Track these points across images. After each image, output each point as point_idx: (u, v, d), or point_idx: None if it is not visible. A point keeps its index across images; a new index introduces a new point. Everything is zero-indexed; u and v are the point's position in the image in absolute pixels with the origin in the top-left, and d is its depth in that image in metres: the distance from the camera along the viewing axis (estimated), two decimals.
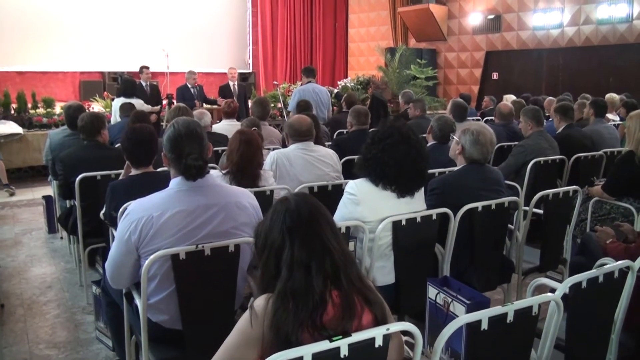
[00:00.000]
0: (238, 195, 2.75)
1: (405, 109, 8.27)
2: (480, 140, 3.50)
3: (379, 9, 17.24)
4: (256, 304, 1.74)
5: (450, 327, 1.74)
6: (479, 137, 3.50)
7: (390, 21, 16.62)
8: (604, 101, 6.90)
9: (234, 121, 6.61)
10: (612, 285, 2.39)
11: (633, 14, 11.90)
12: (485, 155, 3.56)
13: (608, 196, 4.59)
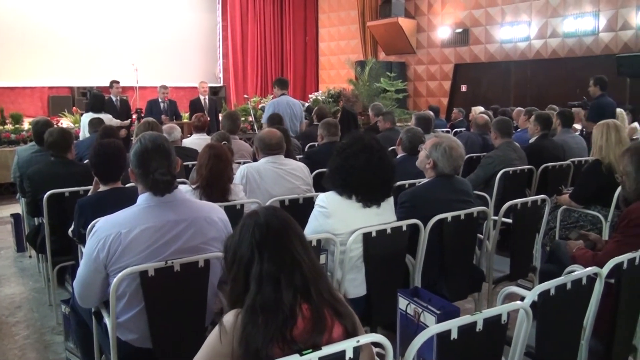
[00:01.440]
0: (207, 210, 2.73)
1: (375, 121, 8.33)
2: (453, 156, 3.53)
3: (348, 23, 17.39)
4: (225, 320, 1.72)
5: (420, 337, 1.75)
6: (451, 153, 3.53)
7: (360, 35, 16.76)
8: (570, 112, 7.04)
9: (205, 135, 6.58)
10: (581, 292, 2.42)
11: (599, 27, 12.19)
12: (457, 169, 3.61)
13: (576, 204, 4.67)
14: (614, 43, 11.95)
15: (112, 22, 14.92)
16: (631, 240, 3.00)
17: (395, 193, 3.53)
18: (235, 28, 17.35)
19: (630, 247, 2.91)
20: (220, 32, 17.26)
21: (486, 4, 14.21)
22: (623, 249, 2.94)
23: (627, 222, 3.08)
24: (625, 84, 11.44)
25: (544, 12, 13.12)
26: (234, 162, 4.60)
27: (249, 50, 17.60)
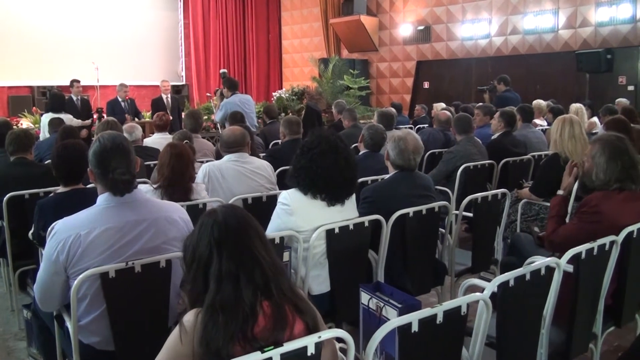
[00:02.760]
0: (168, 209, 2.71)
1: (338, 118, 8.36)
2: (400, 146, 3.57)
3: (311, 21, 17.38)
4: (185, 320, 1.71)
5: (381, 331, 1.76)
6: (399, 143, 3.57)
7: (323, 32, 16.77)
8: (530, 107, 7.18)
9: (167, 134, 6.50)
10: (540, 282, 2.48)
11: (558, 25, 12.42)
12: (408, 162, 3.61)
13: (536, 197, 4.76)
14: (573, 40, 12.21)
15: (73, 20, 14.62)
16: (587, 225, 3.11)
17: (358, 189, 3.55)
18: (197, 26, 17.18)
19: (586, 231, 3.05)
20: (182, 30, 17.07)
21: (447, 2, 14.36)
22: (579, 232, 3.10)
23: (586, 208, 3.17)
24: (584, 80, 11.73)
25: (504, 9, 13.32)
26: (197, 161, 4.58)
27: (211, 48, 17.45)
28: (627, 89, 11.35)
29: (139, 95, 13.53)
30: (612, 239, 2.84)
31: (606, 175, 3.18)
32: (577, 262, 2.67)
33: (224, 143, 4.30)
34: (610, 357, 3.49)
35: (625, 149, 3.19)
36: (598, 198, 3.17)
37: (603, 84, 11.64)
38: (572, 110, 7.84)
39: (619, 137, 3.26)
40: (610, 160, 3.16)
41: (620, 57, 11.47)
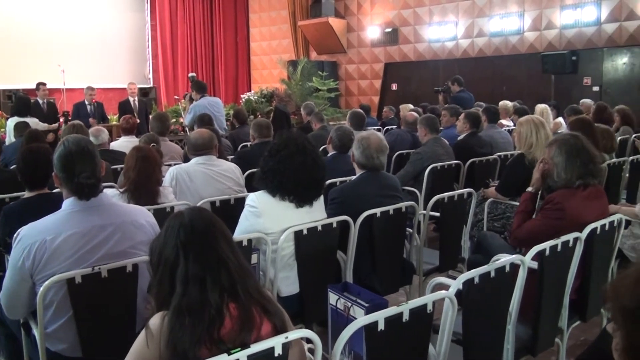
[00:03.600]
0: (134, 213, 2.69)
1: (307, 120, 8.39)
2: (364, 145, 3.60)
3: (279, 23, 17.36)
4: (151, 323, 1.71)
5: (348, 330, 1.78)
6: (362, 143, 3.61)
7: (291, 34, 16.76)
8: (495, 108, 7.29)
9: (133, 138, 6.45)
10: (505, 279, 2.52)
11: (524, 27, 12.61)
12: (372, 161, 3.63)
13: (502, 197, 4.83)
14: (538, 42, 12.40)
15: (38, 22, 14.31)
16: (551, 222, 3.20)
17: (326, 191, 3.57)
18: (164, 28, 17.00)
19: (550, 227, 3.14)
20: (149, 31, 16.87)
21: (414, 4, 14.47)
22: (543, 228, 3.19)
23: (549, 205, 3.25)
24: (550, 81, 11.95)
25: (470, 12, 13.48)
26: (164, 164, 4.55)
27: (179, 50, 17.29)
28: (592, 89, 11.56)
29: (106, 98, 13.35)
30: (576, 236, 2.91)
31: (567, 174, 3.25)
32: (542, 259, 2.73)
33: (191, 146, 4.28)
34: (577, 351, 3.55)
35: (581, 145, 3.26)
36: (561, 195, 3.25)
37: (568, 85, 11.86)
38: (537, 111, 7.98)
39: (574, 135, 3.34)
40: (569, 159, 3.23)
41: (585, 58, 11.71)
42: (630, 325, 1.26)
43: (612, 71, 11.47)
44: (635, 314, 1.25)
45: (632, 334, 1.26)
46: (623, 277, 1.33)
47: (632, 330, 1.26)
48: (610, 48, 11.45)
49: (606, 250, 3.30)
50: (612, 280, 1.35)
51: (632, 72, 11.20)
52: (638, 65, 11.11)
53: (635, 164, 5.88)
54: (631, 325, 1.26)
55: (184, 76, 17.24)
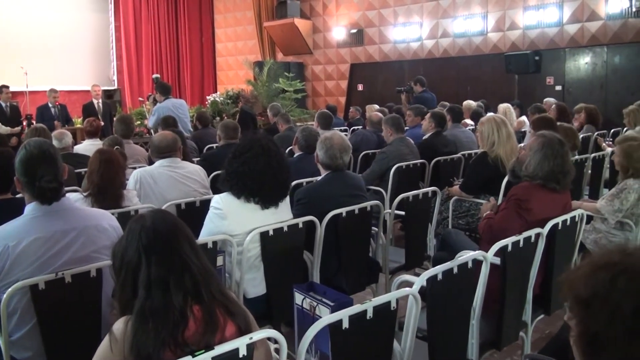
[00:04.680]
0: (97, 217, 2.67)
1: (274, 121, 8.38)
2: (327, 145, 3.63)
3: (245, 24, 17.29)
4: (115, 328, 1.70)
5: (312, 329, 1.79)
6: (325, 143, 3.63)
7: (257, 35, 16.70)
8: (459, 107, 7.40)
9: (98, 141, 6.36)
10: (468, 275, 2.57)
11: (487, 28, 12.78)
12: (335, 160, 3.66)
13: (466, 194, 4.91)
14: (502, 42, 12.58)
15: None
16: (514, 214, 3.28)
17: (292, 191, 3.58)
18: (128, 29, 16.78)
19: (513, 218, 3.25)
20: (113, 32, 16.62)
21: (379, 6, 14.56)
22: (508, 220, 3.28)
23: (514, 198, 3.33)
24: (513, 81, 12.15)
25: (434, 13, 13.61)
26: (128, 167, 4.50)
27: (143, 51, 17.08)
28: (555, 89, 11.78)
29: (70, 100, 13.15)
30: (538, 232, 2.98)
31: (534, 170, 3.33)
32: (504, 255, 2.79)
33: (155, 148, 4.24)
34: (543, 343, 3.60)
35: (561, 153, 3.33)
36: (525, 188, 3.34)
37: (531, 85, 12.07)
38: (500, 111, 8.10)
39: (561, 141, 3.40)
40: (544, 159, 3.31)
41: (547, 58, 11.94)
42: (584, 312, 1.31)
43: (575, 71, 11.72)
44: (588, 302, 1.30)
45: (585, 321, 1.31)
46: (577, 268, 1.38)
47: (586, 317, 1.31)
48: (572, 48, 11.69)
49: (568, 245, 3.38)
50: (567, 271, 1.40)
51: (594, 71, 11.45)
52: (600, 65, 11.36)
53: (597, 161, 6.03)
54: (585, 312, 1.31)
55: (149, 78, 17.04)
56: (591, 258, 1.39)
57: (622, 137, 4.70)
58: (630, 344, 1.24)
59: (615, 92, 11.09)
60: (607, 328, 1.27)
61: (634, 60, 10.93)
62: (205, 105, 13.44)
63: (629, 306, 1.25)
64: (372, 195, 4.61)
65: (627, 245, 1.40)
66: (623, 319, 1.25)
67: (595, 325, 1.29)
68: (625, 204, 4.19)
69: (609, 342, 1.27)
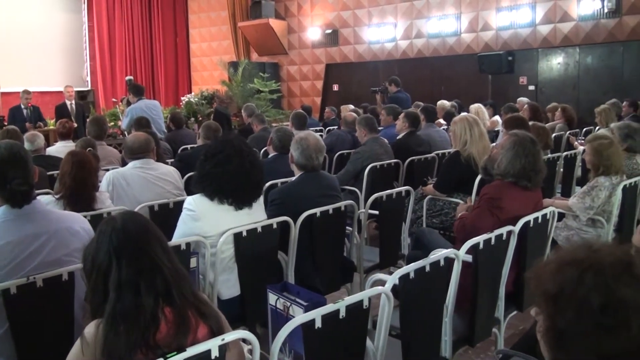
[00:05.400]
0: (69, 220, 2.64)
1: (249, 122, 8.37)
2: (303, 146, 3.63)
3: (219, 24, 17.21)
4: (86, 331, 1.69)
5: (285, 329, 1.80)
6: (301, 143, 3.64)
7: (232, 35, 16.64)
8: (433, 107, 7.47)
9: (70, 142, 6.29)
10: (440, 273, 2.59)
11: (461, 28, 12.92)
12: (312, 161, 3.67)
13: (440, 193, 4.94)
14: (475, 43, 12.72)
15: None
16: (486, 212, 3.32)
17: (267, 192, 3.57)
18: (102, 29, 16.58)
19: (486, 217, 3.28)
20: (86, 33, 16.40)
21: (354, 6, 14.61)
22: (481, 218, 3.31)
23: (486, 197, 3.38)
24: (487, 81, 12.28)
25: (409, 14, 13.70)
26: (101, 169, 4.46)
27: (117, 52, 16.90)
28: (528, 88, 11.96)
29: (43, 101, 12.95)
30: (509, 229, 3.02)
31: (506, 168, 3.37)
32: (476, 252, 2.82)
33: (128, 149, 4.21)
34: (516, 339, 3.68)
35: (532, 152, 3.38)
36: (497, 186, 3.39)
37: (505, 85, 12.23)
38: (472, 110, 8.19)
39: (533, 140, 3.45)
40: (515, 157, 3.35)
41: (520, 59, 12.11)
42: (552, 308, 1.34)
43: (547, 71, 11.90)
44: (556, 298, 1.33)
45: (553, 316, 1.34)
46: (545, 264, 1.40)
47: (553, 313, 1.34)
48: (545, 48, 11.88)
49: (540, 242, 3.44)
50: (535, 267, 1.42)
51: (567, 71, 11.65)
52: (572, 65, 11.56)
53: (569, 159, 6.13)
54: (552, 308, 1.34)
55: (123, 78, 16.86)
56: (558, 254, 1.42)
57: (592, 135, 4.78)
58: (597, 339, 1.27)
59: (587, 91, 11.29)
60: (574, 323, 1.29)
61: (605, 60, 11.14)
62: (180, 106, 13.35)
63: (596, 301, 1.27)
64: (347, 195, 4.63)
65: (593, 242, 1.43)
66: (590, 314, 1.27)
67: (563, 320, 1.31)
68: (597, 201, 4.27)
69: (576, 337, 1.29)
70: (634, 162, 4.97)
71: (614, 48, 11.02)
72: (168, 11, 17.91)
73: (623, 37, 10.80)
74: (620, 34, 10.80)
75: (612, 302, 1.27)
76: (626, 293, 1.27)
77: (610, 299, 1.27)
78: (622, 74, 10.95)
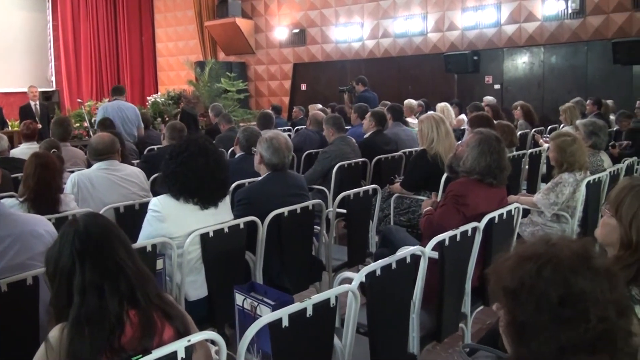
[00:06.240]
0: (33, 223, 2.61)
1: (216, 122, 8.33)
2: (275, 145, 3.63)
3: (185, 23, 17.06)
4: (51, 336, 1.67)
5: (252, 328, 1.80)
6: (272, 142, 3.64)
7: (198, 35, 16.51)
8: (400, 106, 7.52)
9: (35, 144, 6.18)
10: (407, 270, 2.62)
11: (427, 28, 13.03)
12: (283, 159, 3.68)
13: (407, 191, 4.99)
14: (441, 42, 12.84)
15: None
16: (452, 209, 3.38)
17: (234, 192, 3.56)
18: (66, 28, 16.29)
19: (452, 214, 3.34)
20: (51, 32, 16.11)
21: (320, 6, 14.62)
22: (447, 215, 3.36)
23: (452, 194, 3.44)
24: (453, 80, 12.43)
25: (375, 13, 13.77)
26: (66, 171, 4.40)
27: (82, 51, 16.62)
28: (494, 87, 12.13)
29: (7, 102, 12.74)
30: (474, 226, 3.07)
31: (472, 165, 3.43)
32: (442, 249, 2.86)
33: (92, 151, 4.15)
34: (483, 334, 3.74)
35: (497, 149, 3.45)
36: (463, 184, 3.44)
37: (471, 84, 12.40)
38: (438, 109, 8.28)
39: (498, 138, 3.52)
40: (480, 155, 3.41)
41: (486, 58, 12.27)
42: (512, 302, 1.37)
43: (512, 70, 12.08)
44: (516, 292, 1.36)
45: (513, 310, 1.37)
46: (504, 260, 1.43)
47: (514, 307, 1.37)
48: (510, 48, 12.05)
49: (505, 238, 3.48)
50: (495, 263, 1.45)
51: (531, 70, 11.84)
52: (537, 64, 11.75)
53: (534, 156, 6.24)
54: (512, 302, 1.37)
55: (88, 78, 16.67)
56: (517, 250, 1.45)
57: (556, 133, 4.88)
58: (556, 331, 1.30)
59: (552, 90, 11.50)
60: (534, 316, 1.32)
61: (569, 59, 11.36)
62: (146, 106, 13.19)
63: (555, 294, 1.31)
64: (315, 194, 4.65)
65: (551, 237, 1.46)
66: (549, 307, 1.31)
67: (523, 314, 1.34)
68: (561, 197, 4.35)
69: (536, 330, 1.32)
70: (598, 158, 5.09)
71: (578, 48, 11.24)
72: (133, 10, 17.68)
73: (587, 37, 11.01)
74: (584, 34, 11.02)
75: (570, 294, 1.31)
76: (584, 285, 1.31)
77: (569, 292, 1.31)
78: (585, 73, 11.18)
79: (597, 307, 1.30)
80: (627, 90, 10.45)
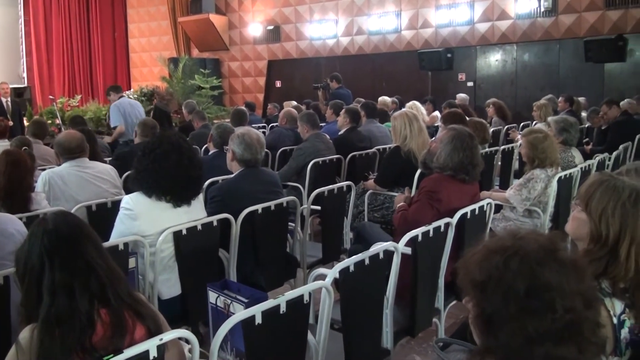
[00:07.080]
0: (3, 222, 2.59)
1: (189, 119, 8.27)
2: (247, 140, 3.62)
3: (159, 19, 16.90)
4: (21, 337, 1.65)
5: (224, 326, 1.80)
6: (244, 138, 3.63)
7: (172, 31, 16.37)
8: (374, 104, 7.55)
9: (6, 142, 6.12)
10: (380, 266, 2.63)
11: (401, 26, 13.09)
12: (255, 155, 3.67)
13: (381, 188, 5.02)
14: (415, 40, 12.91)
15: None
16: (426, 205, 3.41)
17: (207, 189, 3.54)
18: (38, 23, 16.04)
19: (426, 209, 3.38)
20: (22, 27, 15.84)
21: (295, 2, 14.59)
22: (421, 211, 3.40)
23: (425, 190, 3.48)
24: (427, 77, 12.50)
25: (349, 11, 13.80)
26: (38, 169, 4.34)
27: (54, 47, 16.38)
28: (467, 84, 12.24)
29: None
30: (447, 221, 3.10)
31: (445, 162, 3.46)
32: (414, 245, 2.88)
33: (63, 149, 4.07)
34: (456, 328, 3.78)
35: (470, 146, 3.48)
36: (436, 180, 3.47)
37: (444, 81, 12.49)
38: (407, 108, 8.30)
39: (471, 135, 3.55)
40: (454, 151, 3.44)
41: (459, 56, 12.37)
42: (480, 295, 1.40)
43: (485, 67, 12.20)
44: (484, 285, 1.38)
45: (481, 303, 1.40)
46: (472, 254, 1.46)
47: (481, 300, 1.40)
48: (483, 46, 12.17)
49: (478, 233, 3.51)
50: (463, 257, 1.47)
51: (504, 68, 11.97)
52: (510, 62, 11.88)
53: (507, 153, 6.31)
54: (480, 295, 1.39)
55: (60, 75, 16.44)
56: (485, 243, 1.47)
57: (528, 130, 4.94)
58: (523, 322, 1.32)
59: (524, 87, 11.64)
60: (501, 308, 1.35)
61: (542, 57, 11.50)
62: None
63: (522, 286, 1.33)
64: (290, 191, 4.65)
65: (519, 230, 1.48)
66: (516, 298, 1.33)
67: (491, 306, 1.37)
68: (533, 193, 4.41)
69: (503, 321, 1.35)
70: (569, 154, 5.17)
71: (550, 46, 11.39)
72: (106, 5, 17.48)
73: (559, 35, 11.16)
74: (556, 32, 11.16)
75: (536, 286, 1.33)
76: (550, 277, 1.34)
77: (535, 283, 1.34)
78: (558, 70, 11.33)
79: (563, 298, 1.32)
80: (598, 88, 10.64)
